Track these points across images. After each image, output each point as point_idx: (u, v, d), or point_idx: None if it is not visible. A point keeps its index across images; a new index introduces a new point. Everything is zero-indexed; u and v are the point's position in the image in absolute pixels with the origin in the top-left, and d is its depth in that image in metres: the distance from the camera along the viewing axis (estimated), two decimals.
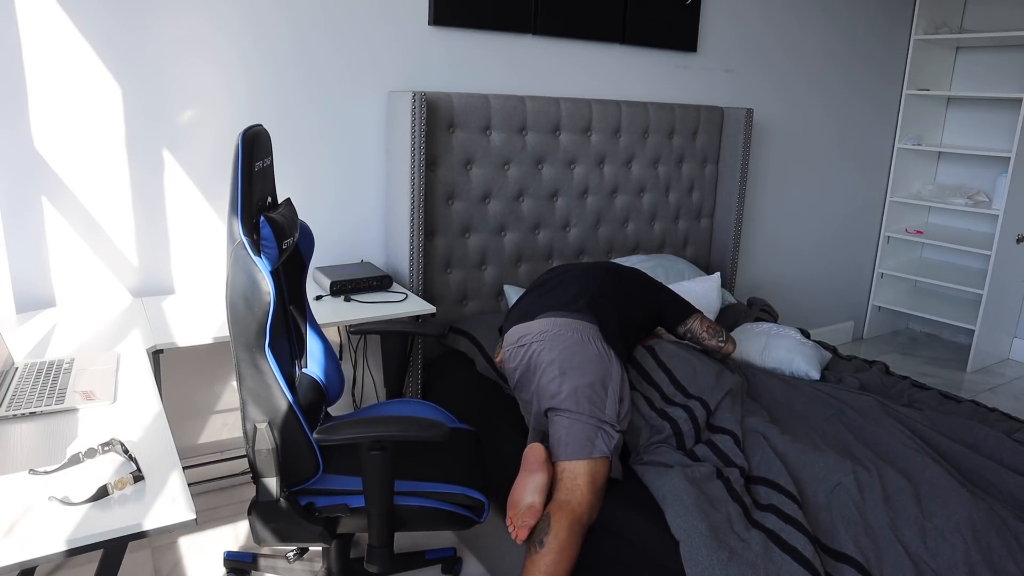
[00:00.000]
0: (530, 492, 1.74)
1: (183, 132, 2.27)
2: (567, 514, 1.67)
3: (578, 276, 2.17)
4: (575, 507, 1.68)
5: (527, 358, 1.93)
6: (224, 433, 2.56)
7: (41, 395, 1.51)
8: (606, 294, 2.10)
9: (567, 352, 1.88)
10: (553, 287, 2.13)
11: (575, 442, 1.76)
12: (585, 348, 1.89)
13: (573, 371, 1.84)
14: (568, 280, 2.15)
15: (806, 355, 2.49)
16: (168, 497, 1.18)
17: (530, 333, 1.95)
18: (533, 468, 1.77)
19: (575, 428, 1.78)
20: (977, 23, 4.24)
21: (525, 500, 1.74)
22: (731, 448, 1.88)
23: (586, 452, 1.75)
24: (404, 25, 2.56)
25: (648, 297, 2.24)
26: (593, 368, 1.86)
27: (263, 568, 2.05)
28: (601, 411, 1.81)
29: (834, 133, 4.03)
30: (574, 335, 1.91)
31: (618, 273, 2.24)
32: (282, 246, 1.51)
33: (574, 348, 1.89)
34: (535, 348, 1.91)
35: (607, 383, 1.86)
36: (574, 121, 2.84)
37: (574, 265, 2.29)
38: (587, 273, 2.19)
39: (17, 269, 2.12)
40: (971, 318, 4.09)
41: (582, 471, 1.73)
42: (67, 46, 2.06)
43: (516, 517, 1.74)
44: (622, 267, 2.30)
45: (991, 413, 2.27)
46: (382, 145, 2.62)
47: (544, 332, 1.93)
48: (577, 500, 1.69)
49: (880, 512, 1.66)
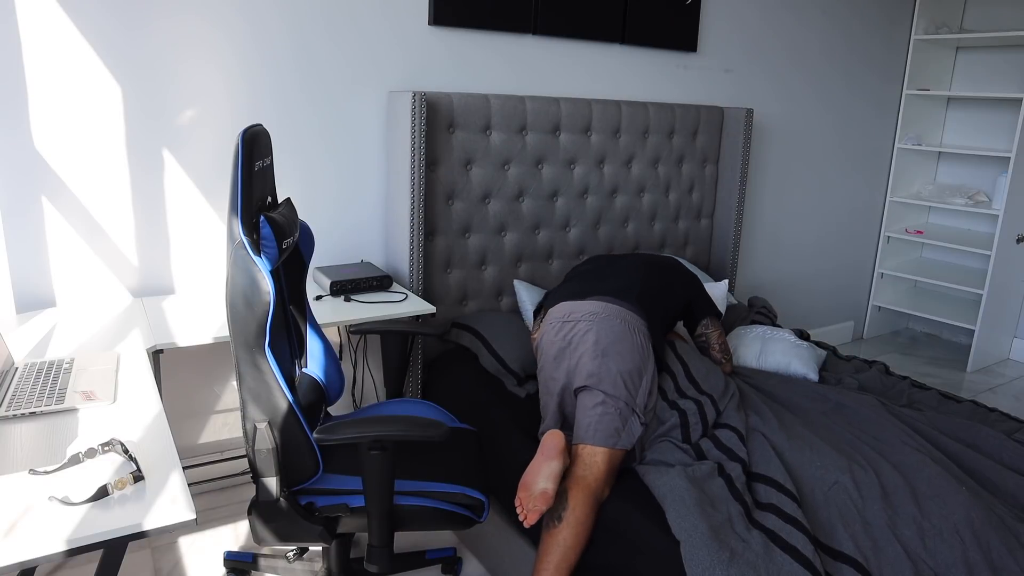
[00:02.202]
0: (544, 478, 1.73)
1: (183, 132, 2.27)
2: (583, 488, 1.71)
3: (627, 267, 2.23)
4: (591, 482, 1.73)
5: (571, 335, 1.97)
6: (224, 433, 2.56)
7: (41, 395, 1.51)
8: (654, 289, 2.16)
9: (612, 336, 1.92)
10: (605, 275, 2.18)
11: (604, 430, 1.81)
12: (630, 337, 1.94)
13: (615, 355, 1.89)
14: (618, 270, 2.21)
15: (802, 357, 2.50)
16: (168, 497, 1.18)
17: (579, 311, 1.99)
18: (551, 455, 1.77)
19: (606, 417, 1.82)
20: (977, 23, 4.24)
21: (539, 485, 1.72)
22: (735, 443, 1.88)
23: (611, 442, 1.80)
24: (404, 25, 2.56)
25: (687, 292, 2.31)
26: (633, 357, 1.91)
27: (263, 568, 2.05)
28: (634, 398, 1.87)
29: (834, 133, 4.03)
30: (622, 323, 1.96)
31: (660, 267, 2.30)
32: (282, 246, 1.51)
33: (620, 335, 1.93)
34: (581, 327, 1.96)
35: (643, 374, 1.91)
36: (574, 121, 2.83)
37: (618, 257, 2.34)
38: (634, 265, 2.24)
39: (17, 269, 2.12)
40: (971, 318, 4.09)
41: (602, 454, 1.78)
42: (67, 46, 2.06)
43: (527, 500, 1.72)
44: (663, 259, 2.35)
45: (991, 413, 2.27)
46: (382, 145, 2.62)
47: (595, 313, 1.97)
48: (594, 476, 1.74)
49: (878, 511, 1.66)
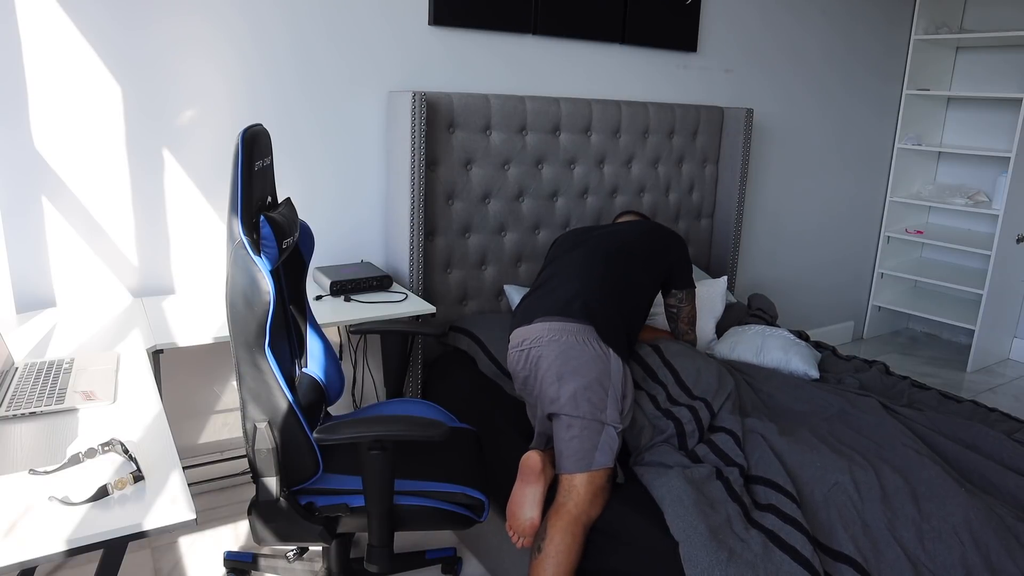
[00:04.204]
0: (528, 505, 1.76)
1: (183, 132, 2.27)
2: (562, 516, 1.69)
3: (578, 272, 2.12)
4: (571, 509, 1.70)
5: (529, 362, 1.93)
6: (224, 433, 2.56)
7: (41, 395, 1.50)
8: (606, 290, 2.06)
9: (564, 356, 1.87)
10: (553, 288, 2.10)
11: (574, 456, 1.76)
12: (582, 350, 1.88)
13: (570, 374, 1.84)
14: (569, 277, 2.11)
15: (802, 354, 2.50)
16: (168, 497, 1.18)
17: (529, 337, 1.95)
18: (529, 479, 1.78)
19: (574, 442, 1.77)
20: (977, 23, 4.23)
21: (525, 514, 1.76)
22: (731, 448, 1.88)
23: (584, 466, 1.75)
24: (404, 25, 2.56)
25: (658, 264, 2.23)
26: (590, 369, 1.85)
27: (263, 568, 2.05)
28: (602, 412, 1.81)
29: (834, 133, 4.03)
30: (569, 338, 1.90)
31: (626, 252, 2.19)
32: (282, 245, 1.51)
33: (571, 352, 1.88)
34: (535, 353, 1.92)
35: (605, 383, 1.85)
36: (574, 121, 2.83)
37: (581, 243, 2.24)
38: (587, 267, 2.13)
39: (17, 269, 2.12)
40: (971, 318, 4.09)
41: (580, 479, 1.73)
42: (67, 46, 2.06)
43: (517, 527, 1.77)
44: (630, 242, 2.24)
45: (991, 413, 2.27)
46: (382, 145, 2.62)
47: (541, 337, 1.93)
48: (574, 502, 1.71)
49: (878, 512, 1.66)
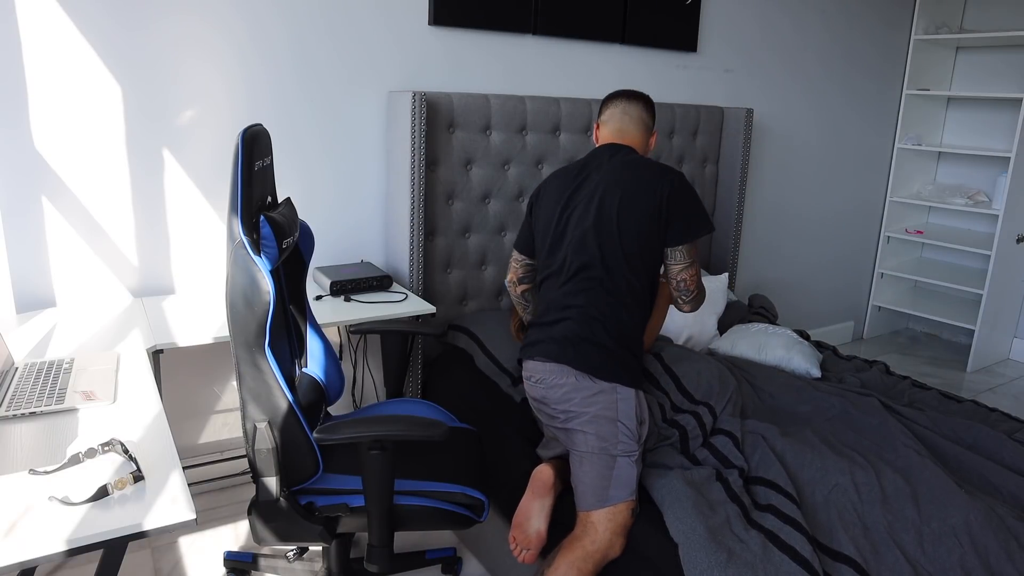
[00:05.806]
0: (536, 517, 1.74)
1: (183, 132, 2.27)
2: (574, 550, 1.63)
3: (573, 300, 1.87)
4: (587, 545, 1.63)
5: (540, 393, 1.86)
6: (224, 433, 2.56)
7: (41, 395, 1.50)
8: (605, 313, 1.84)
9: (567, 398, 1.79)
10: (551, 322, 1.88)
11: (588, 490, 1.70)
12: (587, 390, 1.78)
13: (576, 414, 1.77)
14: (564, 308, 1.88)
15: (804, 353, 2.51)
16: (168, 497, 1.18)
17: (535, 376, 1.86)
18: (540, 492, 1.76)
19: (587, 476, 1.71)
20: (977, 23, 4.23)
21: (532, 525, 1.74)
22: (730, 450, 1.88)
23: (599, 501, 1.68)
24: (404, 25, 2.56)
25: (655, 235, 1.86)
26: (597, 409, 1.76)
27: (263, 568, 2.05)
28: (613, 446, 1.73)
29: (834, 133, 4.03)
30: (569, 379, 1.80)
31: (617, 256, 1.85)
32: (282, 245, 1.51)
33: (574, 395, 1.79)
34: (541, 390, 1.85)
35: (612, 416, 1.76)
36: (574, 121, 2.83)
37: (567, 265, 1.92)
38: (582, 292, 1.86)
39: (17, 269, 2.12)
40: (971, 318, 4.09)
41: (601, 518, 1.66)
42: (67, 46, 2.06)
43: (522, 539, 1.74)
44: (621, 224, 1.86)
45: (991, 413, 2.27)
46: (382, 145, 2.62)
47: (544, 380, 1.84)
48: (591, 539, 1.64)
49: (878, 514, 1.66)
